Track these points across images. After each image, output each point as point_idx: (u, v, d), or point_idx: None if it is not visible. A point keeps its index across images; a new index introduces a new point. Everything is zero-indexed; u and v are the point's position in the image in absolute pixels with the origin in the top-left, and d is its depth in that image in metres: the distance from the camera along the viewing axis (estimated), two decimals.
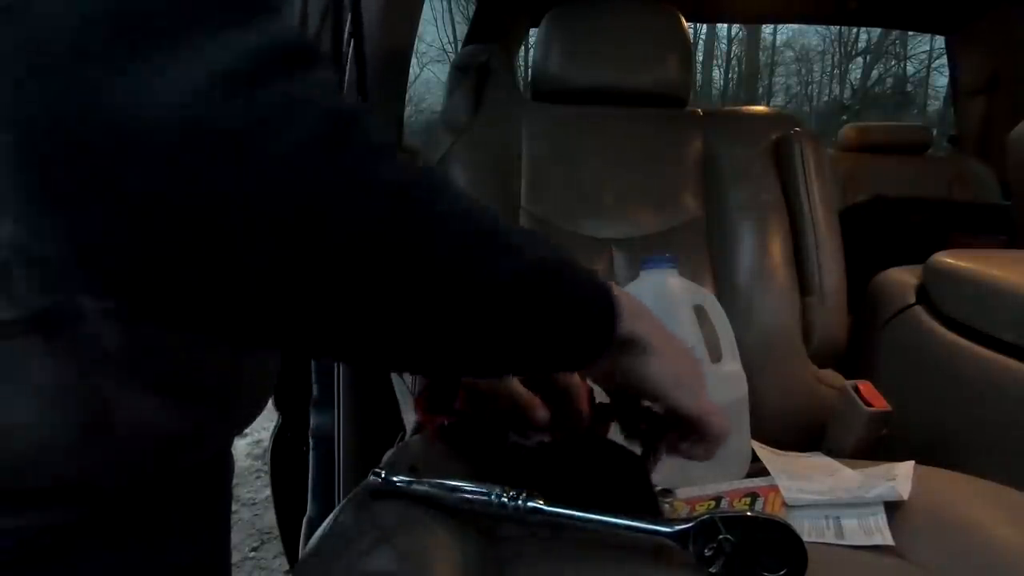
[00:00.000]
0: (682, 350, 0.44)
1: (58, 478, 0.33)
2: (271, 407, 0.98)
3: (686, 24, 1.02)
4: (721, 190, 0.93)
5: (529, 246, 0.33)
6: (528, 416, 0.46)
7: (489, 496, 0.41)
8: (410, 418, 0.74)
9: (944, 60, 2.44)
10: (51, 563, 0.34)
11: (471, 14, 1.53)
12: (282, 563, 1.43)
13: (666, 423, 0.45)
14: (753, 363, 0.79)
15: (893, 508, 0.54)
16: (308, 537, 0.87)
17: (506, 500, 0.41)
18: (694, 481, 0.64)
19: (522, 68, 3.34)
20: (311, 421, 0.88)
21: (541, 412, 0.46)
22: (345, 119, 0.26)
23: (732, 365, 0.75)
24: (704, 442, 0.43)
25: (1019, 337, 0.71)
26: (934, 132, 2.64)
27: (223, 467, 0.49)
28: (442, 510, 0.42)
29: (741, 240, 0.90)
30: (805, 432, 0.82)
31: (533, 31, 1.32)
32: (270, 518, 1.49)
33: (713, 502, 0.59)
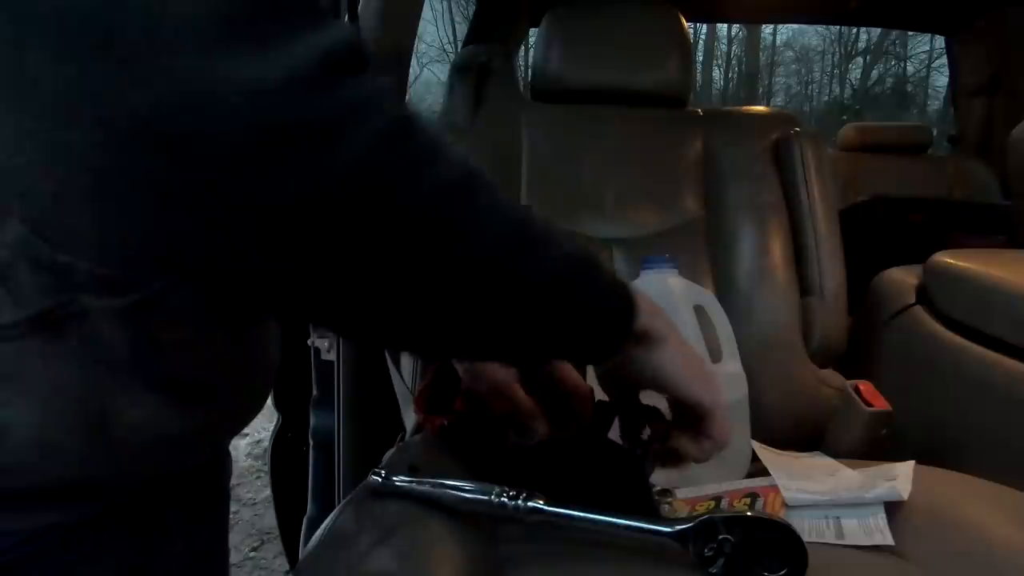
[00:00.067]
0: (692, 348, 0.45)
1: (58, 478, 0.32)
2: (271, 407, 0.98)
3: (686, 24, 1.01)
4: (721, 190, 0.93)
5: (562, 241, 0.35)
6: (527, 426, 0.47)
7: (489, 496, 0.41)
8: (410, 418, 0.74)
9: (944, 60, 2.44)
10: (51, 563, 0.34)
11: (471, 14, 1.52)
12: (282, 563, 1.43)
13: (667, 422, 0.45)
14: (753, 363, 0.79)
15: (893, 508, 0.54)
16: (308, 537, 0.87)
17: (506, 500, 0.41)
18: (694, 481, 0.64)
19: (522, 68, 3.35)
20: (311, 421, 0.88)
21: (541, 425, 0.46)
22: (404, 116, 0.27)
23: (732, 365, 0.75)
24: (706, 438, 0.44)
25: (1019, 337, 0.71)
26: (934, 132, 2.63)
27: (222, 467, 0.49)
28: (442, 510, 0.42)
29: (741, 240, 0.90)
30: (805, 432, 0.82)
31: (533, 31, 1.32)
32: (270, 518, 1.49)
33: (713, 502, 0.59)
